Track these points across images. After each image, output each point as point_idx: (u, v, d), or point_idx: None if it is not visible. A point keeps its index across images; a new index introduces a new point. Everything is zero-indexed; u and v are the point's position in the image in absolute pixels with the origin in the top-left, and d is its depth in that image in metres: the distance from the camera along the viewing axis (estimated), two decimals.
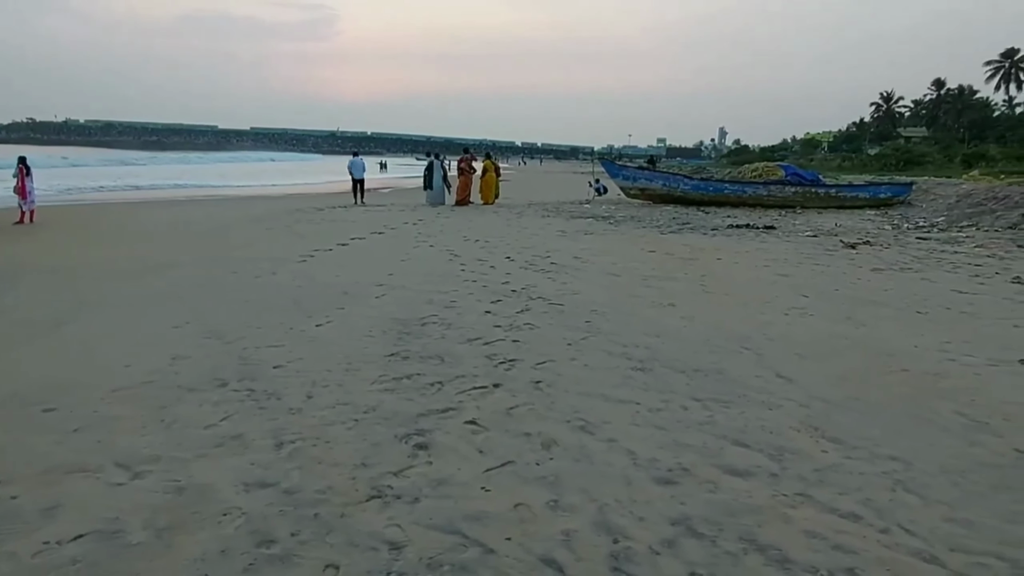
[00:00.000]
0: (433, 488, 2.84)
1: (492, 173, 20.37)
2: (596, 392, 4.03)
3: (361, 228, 12.85)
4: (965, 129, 70.26)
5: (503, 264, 8.82)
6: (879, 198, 20.91)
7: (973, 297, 7.04)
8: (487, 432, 3.44)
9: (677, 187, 20.61)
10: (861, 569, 2.27)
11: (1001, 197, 16.72)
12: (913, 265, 9.24)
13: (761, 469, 3.03)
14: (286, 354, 4.78)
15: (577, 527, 2.53)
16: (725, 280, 7.89)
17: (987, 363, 4.70)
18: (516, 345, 5.05)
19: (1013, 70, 70.85)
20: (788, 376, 4.35)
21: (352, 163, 20.34)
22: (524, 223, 14.33)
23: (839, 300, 6.83)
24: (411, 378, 4.28)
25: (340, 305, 6.33)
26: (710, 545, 2.42)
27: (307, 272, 8.17)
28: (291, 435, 3.40)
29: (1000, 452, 3.25)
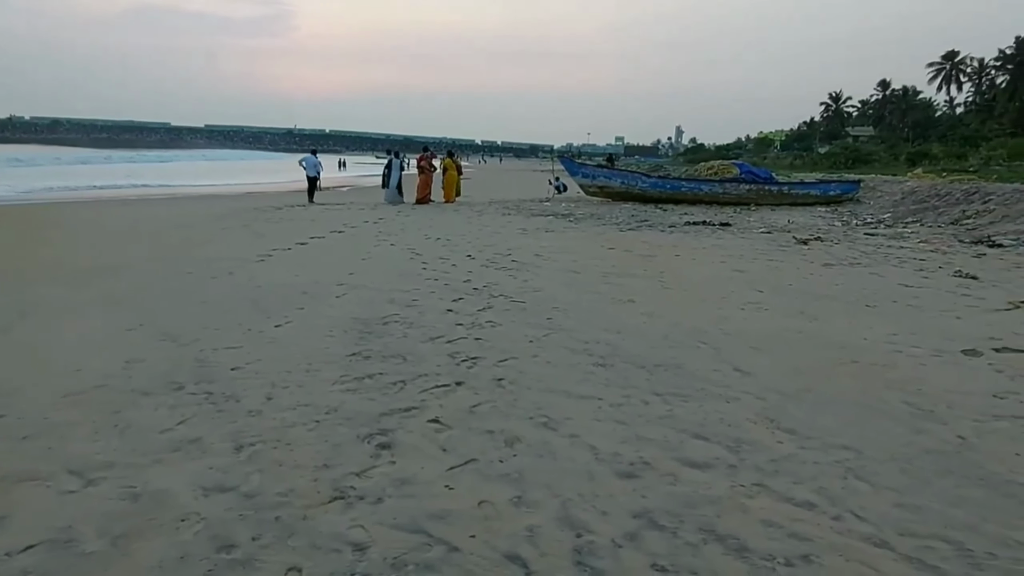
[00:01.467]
0: (396, 488, 2.83)
1: (453, 171, 20.31)
2: (558, 388, 4.07)
3: (320, 227, 12.68)
4: (909, 128, 72.76)
5: (464, 262, 8.81)
6: (829, 195, 21.52)
7: (918, 291, 7.31)
8: (450, 430, 3.44)
9: (635, 185, 20.86)
10: (816, 555, 2.34)
11: (943, 194, 17.38)
12: (862, 260, 9.54)
13: (720, 461, 3.10)
14: (244, 355, 4.70)
15: (541, 523, 2.56)
16: (683, 276, 8.03)
17: (932, 354, 4.88)
18: (478, 343, 5.05)
19: (954, 72, 73.55)
20: (745, 369, 4.45)
21: (306, 160, 20.00)
22: (485, 221, 14.33)
23: (792, 295, 7.02)
24: (373, 378, 4.25)
25: (300, 305, 6.25)
26: (671, 537, 2.47)
27: (265, 272, 8.03)
28: (251, 437, 3.34)
29: (945, 439, 3.38)
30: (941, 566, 2.29)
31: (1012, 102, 59.80)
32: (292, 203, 18.61)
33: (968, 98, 73.85)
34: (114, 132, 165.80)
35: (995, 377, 4.38)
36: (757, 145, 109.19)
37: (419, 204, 18.81)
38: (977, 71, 70.93)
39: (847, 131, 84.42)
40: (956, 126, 60.62)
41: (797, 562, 2.30)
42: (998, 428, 3.53)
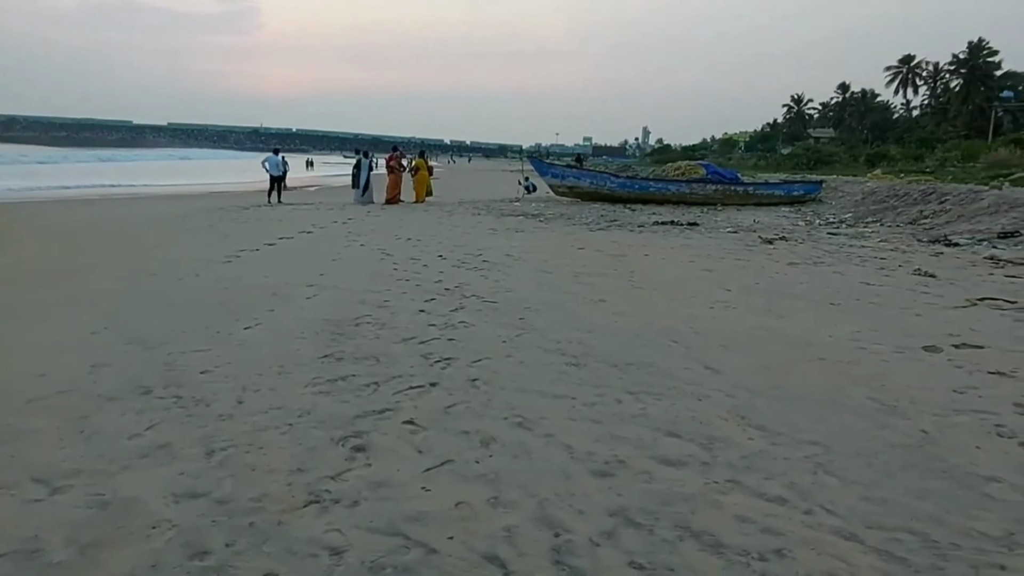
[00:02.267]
0: (372, 490, 2.82)
1: (424, 171, 20.25)
2: (532, 388, 4.09)
3: (289, 227, 12.52)
4: (868, 130, 74.59)
5: (436, 263, 8.79)
6: (793, 195, 21.96)
7: (880, 288, 7.50)
8: (425, 431, 3.43)
9: (604, 185, 21.02)
10: (788, 550, 2.39)
11: (901, 194, 17.85)
12: (825, 259, 9.76)
13: (693, 458, 3.15)
14: (214, 359, 4.62)
15: (518, 523, 2.57)
16: (653, 276, 8.12)
17: (894, 350, 5.02)
18: (451, 343, 5.05)
19: (910, 75, 75.51)
20: (715, 367, 4.52)
21: (268, 160, 19.71)
22: (455, 221, 14.30)
23: (759, 293, 7.14)
24: (346, 379, 4.22)
25: (269, 307, 6.17)
26: (647, 534, 2.50)
27: (233, 273, 7.91)
28: (222, 442, 3.29)
29: (908, 433, 3.48)
30: (908, 558, 2.35)
31: (965, 105, 61.69)
32: (259, 203, 18.36)
33: (924, 101, 76.03)
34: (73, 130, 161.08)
35: (955, 372, 4.52)
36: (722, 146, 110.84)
37: (389, 204, 18.70)
38: (932, 75, 72.91)
39: (809, 133, 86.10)
40: (913, 128, 62.34)
41: (770, 557, 2.35)
42: (958, 422, 3.64)
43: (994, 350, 5.04)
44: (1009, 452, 3.27)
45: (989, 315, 6.29)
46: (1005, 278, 8.33)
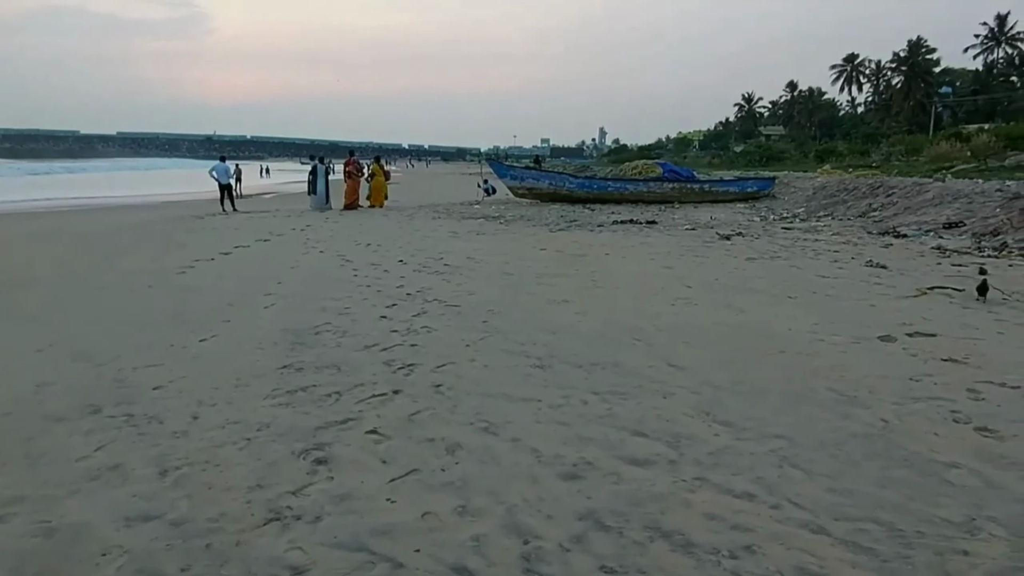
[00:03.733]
0: (335, 504, 2.73)
1: (380, 176, 20.06)
2: (497, 392, 4.04)
3: (245, 236, 12.25)
4: (816, 127, 76.59)
5: (396, 268, 8.68)
6: (747, 192, 22.40)
7: (834, 281, 7.66)
8: (389, 441, 3.36)
9: (563, 186, 21.11)
10: (758, 545, 2.39)
11: (851, 189, 18.35)
12: (781, 253, 9.94)
13: (660, 457, 3.14)
14: (167, 373, 4.46)
15: (487, 531, 2.51)
16: (614, 274, 8.15)
17: (851, 341, 5.11)
18: (414, 349, 4.97)
19: (854, 73, 77.68)
20: (679, 364, 4.53)
21: (216, 167, 19.30)
22: (416, 225, 14.18)
23: (719, 289, 7.22)
24: (306, 390, 4.11)
25: (226, 317, 6.00)
26: (617, 536, 2.47)
27: (188, 284, 7.69)
28: (177, 461, 3.17)
29: (869, 423, 3.54)
30: (875, 547, 2.37)
31: (907, 101, 63.80)
32: (214, 212, 17.97)
33: (868, 98, 78.34)
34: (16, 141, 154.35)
35: (910, 361, 4.62)
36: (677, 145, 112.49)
37: (347, 210, 18.47)
38: (875, 72, 75.14)
39: (760, 130, 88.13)
40: (858, 124, 64.25)
41: (741, 554, 2.34)
42: (916, 410, 3.71)
43: (945, 338, 5.18)
44: (965, 437, 3.35)
45: (939, 303, 6.47)
46: (952, 267, 8.60)
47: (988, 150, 21.76)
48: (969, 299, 6.55)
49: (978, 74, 62.78)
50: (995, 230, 11.05)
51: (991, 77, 61.18)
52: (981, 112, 55.73)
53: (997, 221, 11.34)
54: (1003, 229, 10.95)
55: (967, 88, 61.58)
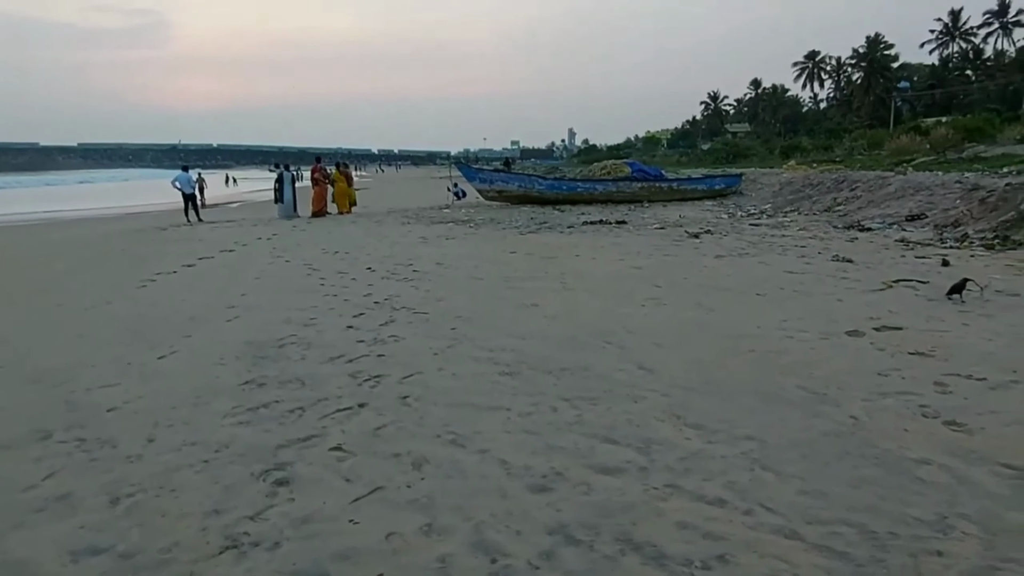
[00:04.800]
0: (296, 528, 2.62)
1: (343, 182, 19.87)
2: (465, 402, 3.95)
3: (209, 246, 12.00)
4: (781, 123, 77.81)
5: (364, 275, 8.54)
6: (715, 189, 22.59)
7: (802, 276, 7.70)
8: (354, 457, 3.25)
9: (533, 187, 21.08)
10: (731, 555, 2.33)
11: (816, 184, 18.61)
12: (749, 250, 10.00)
13: (631, 464, 3.07)
14: (123, 393, 4.30)
15: (453, 550, 2.42)
16: (584, 276, 8.11)
17: (819, 337, 5.12)
18: (381, 360, 4.86)
19: (816, 70, 79.08)
20: (649, 367, 4.49)
21: (178, 178, 18.97)
22: (384, 231, 14.02)
23: (689, 288, 7.22)
24: (268, 406, 3.98)
25: (187, 332, 5.83)
26: (588, 551, 2.39)
27: (148, 298, 7.48)
28: (129, 487, 3.02)
29: (839, 420, 3.52)
30: (849, 551, 2.33)
31: (867, 96, 65.10)
32: (177, 223, 17.63)
33: (829, 94, 79.74)
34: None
35: (878, 355, 4.63)
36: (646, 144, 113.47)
37: (315, 217, 18.23)
38: (836, 69, 76.57)
39: (726, 128, 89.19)
40: (821, 120, 65.35)
41: (714, 564, 2.28)
42: (885, 406, 3.71)
43: (912, 331, 5.21)
44: (935, 432, 3.34)
45: (905, 296, 6.53)
46: (916, 259, 8.72)
47: (946, 143, 22.21)
48: (933, 291, 6.62)
49: (934, 68, 64.28)
50: (956, 221, 11.25)
51: (947, 71, 62.70)
52: (938, 105, 57.08)
53: (957, 212, 11.55)
54: (963, 220, 11.15)
55: (924, 82, 63.00)
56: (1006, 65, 57.89)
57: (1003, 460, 3.00)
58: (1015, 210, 10.26)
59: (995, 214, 10.69)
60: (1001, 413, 3.55)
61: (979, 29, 62.50)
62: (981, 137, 24.85)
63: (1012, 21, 59.86)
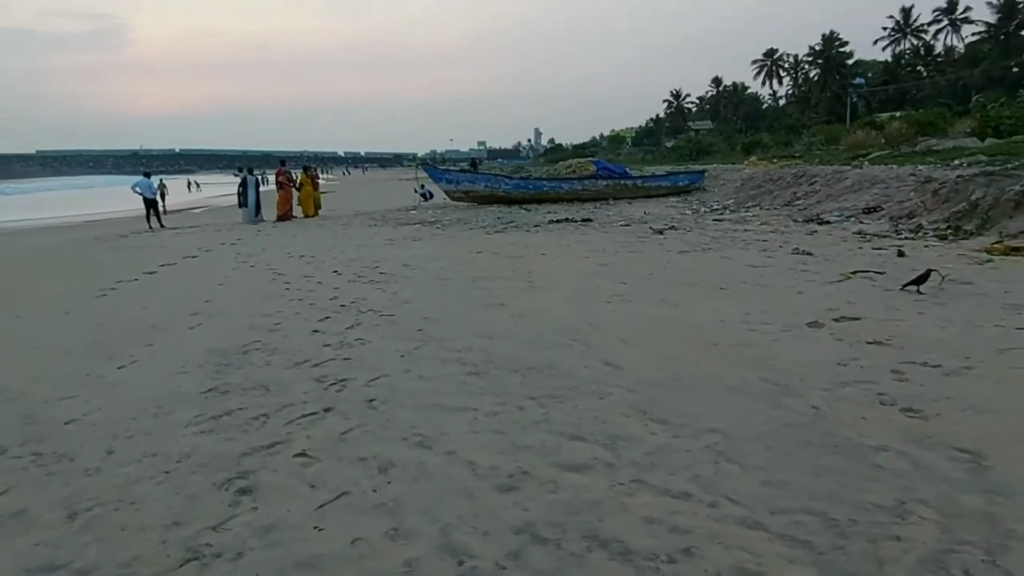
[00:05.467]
0: (259, 537, 2.57)
1: (309, 186, 19.66)
2: (432, 403, 3.93)
3: (171, 253, 11.77)
4: (742, 120, 79.04)
5: (330, 279, 8.46)
6: (679, 186, 22.85)
7: (764, 270, 7.83)
8: (319, 463, 3.21)
9: (499, 187, 21.08)
10: (696, 547, 2.36)
11: (776, 179, 18.93)
12: (713, 245, 10.13)
13: (598, 461, 3.09)
14: (81, 405, 4.19)
15: (419, 554, 2.41)
16: (551, 275, 8.13)
17: (781, 329, 5.21)
18: (347, 363, 4.81)
19: (774, 67, 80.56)
20: (615, 363, 4.52)
21: (139, 183, 18.59)
22: (351, 234, 13.90)
23: (654, 284, 7.29)
24: (232, 414, 3.92)
25: (148, 341, 5.71)
26: (555, 549, 2.40)
27: (108, 307, 7.32)
28: (87, 501, 2.95)
29: (801, 411, 3.58)
30: (811, 540, 2.37)
31: (824, 93, 66.51)
32: (139, 229, 17.26)
33: (788, 91, 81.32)
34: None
35: (837, 346, 4.73)
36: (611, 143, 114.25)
37: (280, 221, 18.00)
38: (793, 66, 78.05)
39: (689, 126, 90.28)
40: (781, 117, 66.57)
41: (679, 557, 2.31)
42: (845, 395, 3.79)
43: (870, 320, 5.34)
44: (892, 419, 3.42)
45: (862, 287, 6.68)
46: (873, 251, 8.93)
47: (900, 137, 22.80)
48: (890, 281, 6.79)
49: (887, 65, 65.90)
50: (910, 213, 11.55)
51: (899, 67, 64.28)
52: (892, 101, 58.56)
53: (912, 204, 11.86)
54: (918, 212, 11.45)
55: (878, 79, 64.58)
56: (955, 61, 59.67)
57: (958, 445, 3.09)
58: (966, 201, 10.57)
59: (947, 205, 11.00)
60: (955, 399, 3.65)
61: (929, 26, 64.30)
62: (933, 131, 25.60)
63: (960, 18, 61.63)
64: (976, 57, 55.56)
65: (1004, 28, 54.00)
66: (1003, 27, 54.18)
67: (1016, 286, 6.34)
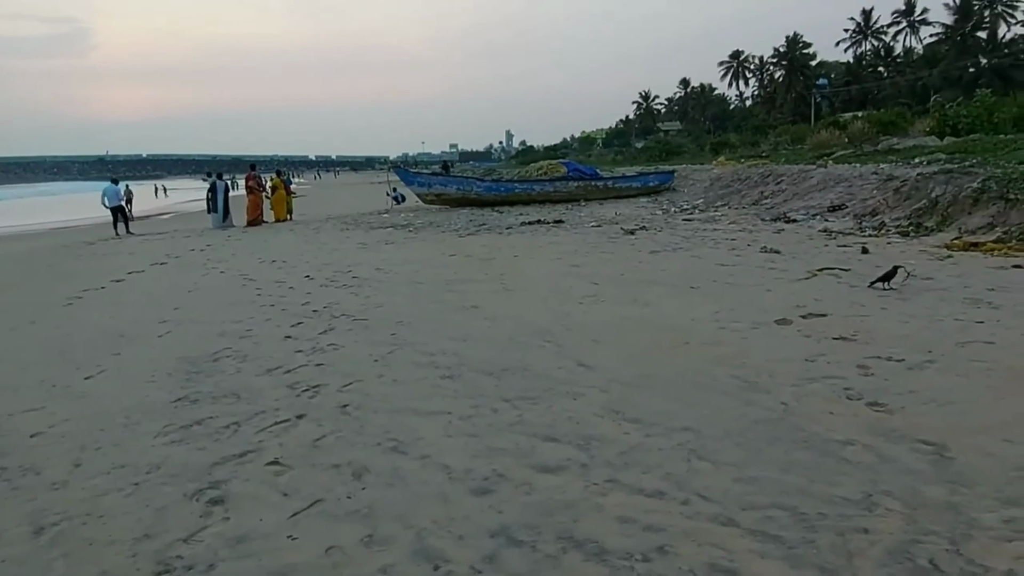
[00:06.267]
0: (231, 548, 2.54)
1: (282, 190, 19.46)
2: (406, 407, 3.92)
3: (139, 260, 11.56)
4: (710, 121, 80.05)
5: (302, 284, 8.38)
6: (649, 186, 23.07)
7: (733, 268, 7.95)
8: (292, 471, 3.18)
9: (471, 190, 21.07)
10: (670, 545, 2.39)
11: (744, 178, 19.21)
12: (683, 245, 10.25)
13: (572, 461, 3.11)
14: (47, 417, 4.10)
15: (395, 560, 2.40)
16: (523, 277, 8.15)
17: (751, 327, 5.29)
18: (320, 369, 4.78)
19: (740, 69, 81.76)
20: (588, 364, 4.55)
21: (106, 190, 18.30)
22: (323, 239, 13.78)
23: (625, 284, 7.35)
24: (202, 423, 3.86)
25: (115, 350, 5.61)
26: (530, 551, 2.41)
27: (75, 316, 7.17)
28: (54, 516, 2.89)
29: (770, 407, 3.65)
30: (782, 535, 2.42)
31: (789, 93, 67.67)
32: (106, 236, 16.91)
33: (754, 91, 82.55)
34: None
35: (805, 342, 4.82)
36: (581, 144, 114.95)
37: (251, 227, 17.77)
38: (759, 67, 79.29)
39: (658, 127, 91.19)
40: (748, 117, 67.48)
41: (654, 556, 2.33)
42: (812, 390, 3.86)
43: (836, 317, 5.45)
44: (858, 414, 3.50)
45: (828, 284, 6.82)
46: (838, 248, 9.12)
47: (863, 136, 23.31)
48: (855, 277, 6.94)
49: (849, 66, 67.20)
50: (873, 210, 11.82)
51: (861, 68, 65.61)
52: (855, 101, 59.76)
53: (875, 202, 12.13)
54: (880, 209, 11.72)
55: (841, 79, 65.81)
56: (914, 62, 61.11)
57: (921, 437, 3.17)
58: (926, 198, 10.85)
59: (908, 203, 11.27)
60: (919, 392, 3.75)
61: (889, 27, 65.81)
62: (894, 130, 26.25)
63: (919, 20, 63.13)
64: (934, 58, 56.96)
65: (960, 29, 55.41)
66: (959, 28, 55.60)
67: (975, 281, 6.53)
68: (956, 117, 20.99)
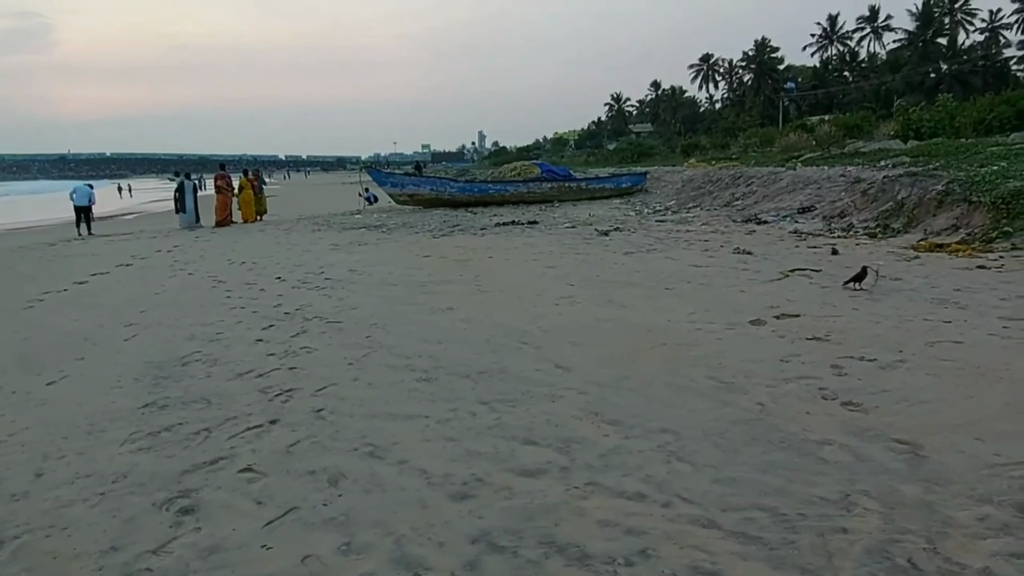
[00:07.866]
0: (203, 559, 2.46)
1: (249, 190, 19.16)
2: (382, 412, 3.86)
3: (104, 262, 11.26)
4: (681, 123, 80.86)
5: (274, 285, 8.24)
6: (622, 188, 23.22)
7: (707, 270, 8.01)
8: (265, 478, 3.10)
9: (444, 190, 21.00)
10: (652, 549, 2.37)
11: (715, 180, 19.43)
12: (657, 246, 10.31)
13: (552, 464, 3.08)
14: (7, 426, 3.96)
15: (373, 569, 2.34)
16: (498, 278, 8.12)
17: (725, 327, 5.33)
18: (293, 373, 4.69)
19: (710, 72, 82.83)
20: (565, 366, 4.53)
21: (75, 190, 17.92)
22: (294, 239, 13.59)
23: (600, 285, 7.36)
24: (171, 430, 3.76)
25: (79, 355, 5.44)
26: (512, 557, 2.37)
27: (35, 320, 6.95)
28: (15, 529, 2.77)
29: (747, 408, 3.66)
30: (761, 535, 2.42)
31: (757, 96, 68.76)
32: (68, 237, 16.47)
33: (724, 94, 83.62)
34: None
35: (779, 343, 4.87)
36: (554, 145, 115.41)
37: (219, 227, 17.47)
38: (728, 71, 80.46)
39: (630, 128, 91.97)
40: (718, 120, 68.45)
41: (636, 559, 2.31)
42: (788, 390, 3.89)
43: (809, 317, 5.51)
44: (834, 413, 3.54)
45: (800, 284, 6.91)
46: (808, 249, 9.26)
47: (830, 139, 23.71)
48: (826, 278, 7.03)
49: (816, 70, 68.51)
50: (842, 212, 12.03)
51: (827, 72, 66.96)
52: (821, 104, 60.93)
53: (843, 204, 12.34)
54: (848, 211, 11.93)
55: (808, 83, 67.04)
56: (878, 67, 62.50)
57: (896, 436, 3.21)
58: (893, 200, 11.07)
59: (875, 204, 11.49)
60: (891, 391, 3.80)
61: (854, 33, 67.27)
62: (860, 133, 26.77)
63: (882, 26, 64.61)
64: (897, 63, 58.32)
65: (922, 36, 56.82)
66: (921, 35, 57.01)
67: (942, 281, 6.67)
68: (919, 121, 21.51)
